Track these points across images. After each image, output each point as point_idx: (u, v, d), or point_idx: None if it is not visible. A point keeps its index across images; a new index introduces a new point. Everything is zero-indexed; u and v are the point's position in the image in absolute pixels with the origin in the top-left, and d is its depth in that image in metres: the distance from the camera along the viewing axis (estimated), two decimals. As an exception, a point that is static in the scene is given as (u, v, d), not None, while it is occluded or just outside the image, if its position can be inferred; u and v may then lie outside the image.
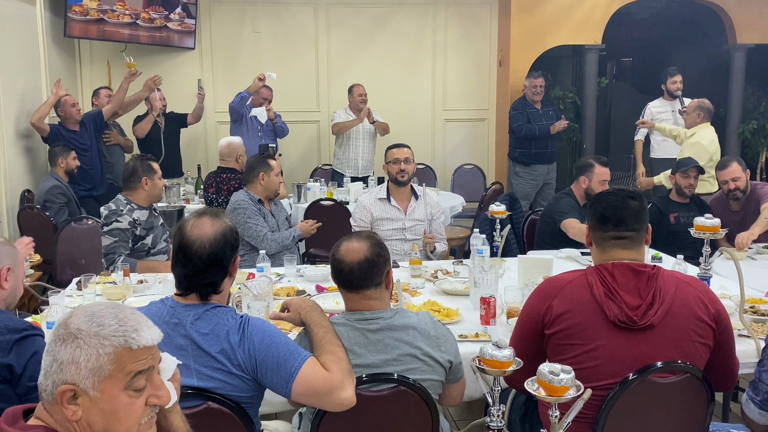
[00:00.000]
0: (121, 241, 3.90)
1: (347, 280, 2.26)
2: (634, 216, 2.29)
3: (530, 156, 7.23)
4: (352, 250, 2.27)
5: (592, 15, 8.04)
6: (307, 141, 8.30)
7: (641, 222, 2.30)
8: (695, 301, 2.22)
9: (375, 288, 2.27)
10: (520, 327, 2.38)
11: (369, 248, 2.27)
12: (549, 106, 7.29)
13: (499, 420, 1.88)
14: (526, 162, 7.25)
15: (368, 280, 2.26)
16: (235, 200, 4.37)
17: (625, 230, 2.29)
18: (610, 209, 2.32)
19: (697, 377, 2.21)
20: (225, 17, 8.05)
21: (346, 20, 8.23)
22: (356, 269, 2.24)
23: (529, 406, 2.56)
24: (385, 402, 2.14)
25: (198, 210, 2.26)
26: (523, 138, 7.19)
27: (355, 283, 2.25)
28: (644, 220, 2.31)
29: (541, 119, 7.14)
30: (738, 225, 4.47)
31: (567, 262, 3.99)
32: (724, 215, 4.63)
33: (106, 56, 7.78)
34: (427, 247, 4.29)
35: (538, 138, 7.13)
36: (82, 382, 1.39)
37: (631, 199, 2.31)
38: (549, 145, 7.22)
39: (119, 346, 1.41)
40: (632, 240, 2.29)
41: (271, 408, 2.54)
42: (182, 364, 2.00)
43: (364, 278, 2.25)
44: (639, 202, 2.32)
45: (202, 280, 2.10)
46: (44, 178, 5.65)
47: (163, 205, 5.56)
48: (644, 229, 2.32)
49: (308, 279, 3.68)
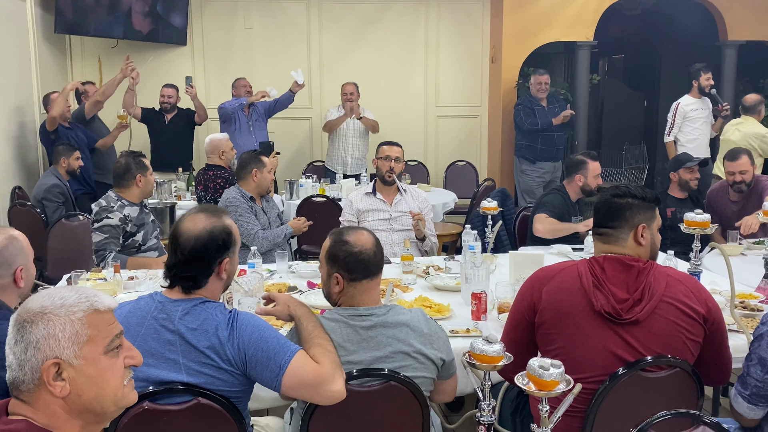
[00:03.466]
0: (111, 237, 3.88)
1: (372, 264, 2.26)
2: (612, 214, 2.33)
3: (536, 153, 7.18)
4: (360, 237, 2.29)
5: (584, 12, 8.05)
6: (299, 138, 8.29)
7: (619, 220, 2.32)
8: (685, 298, 2.23)
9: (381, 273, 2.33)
10: (513, 316, 2.40)
11: (368, 232, 2.34)
12: (555, 103, 7.23)
13: (489, 415, 1.88)
14: (532, 159, 7.21)
15: (383, 262, 2.32)
16: (227, 197, 4.36)
17: (600, 227, 2.36)
18: (596, 207, 2.41)
19: (687, 371, 2.22)
20: (217, 13, 8.02)
21: (339, 16, 8.21)
22: (378, 251, 2.29)
23: (520, 401, 2.56)
24: (376, 397, 2.14)
25: (203, 205, 2.27)
26: (527, 132, 7.16)
27: (379, 266, 2.29)
28: (625, 218, 2.31)
29: (546, 116, 7.08)
30: (736, 215, 4.52)
31: (558, 258, 4.00)
32: (722, 204, 4.66)
33: (97, 52, 7.75)
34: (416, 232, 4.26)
35: (540, 131, 7.06)
36: (63, 352, 1.42)
37: (617, 197, 2.35)
38: (555, 142, 7.15)
39: (87, 309, 1.46)
40: (609, 236, 2.33)
41: (262, 404, 2.54)
42: (171, 359, 2.01)
43: (383, 258, 2.32)
44: (626, 200, 2.33)
45: (182, 273, 2.11)
46: (45, 174, 5.64)
47: (155, 201, 5.55)
48: (624, 227, 2.31)
49: (300, 275, 3.68)
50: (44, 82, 6.72)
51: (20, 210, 5.22)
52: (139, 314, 2.09)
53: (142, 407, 1.98)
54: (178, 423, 2.02)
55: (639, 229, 2.31)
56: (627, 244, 2.31)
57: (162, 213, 5.19)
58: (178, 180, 6.78)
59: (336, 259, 2.27)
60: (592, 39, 8.09)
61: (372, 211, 4.41)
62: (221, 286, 2.20)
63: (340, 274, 2.27)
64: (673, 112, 6.75)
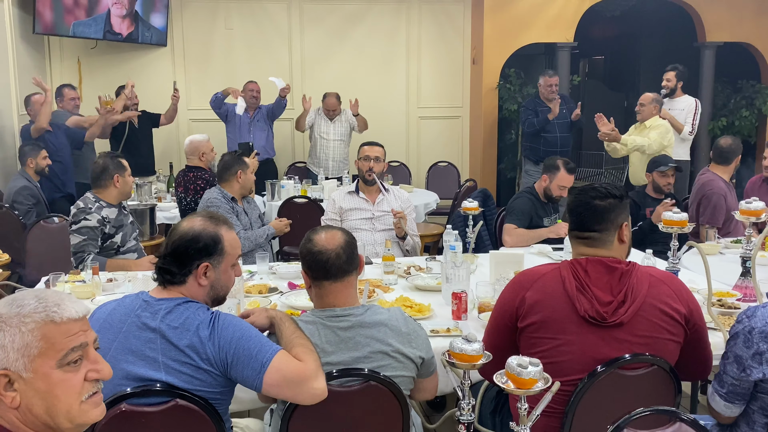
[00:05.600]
0: (89, 239, 3.85)
1: (334, 266, 2.22)
2: (595, 217, 2.28)
3: (538, 154, 7.07)
4: (330, 238, 2.26)
5: (564, 13, 8.10)
6: (281, 139, 8.26)
7: (605, 223, 2.28)
8: (668, 299, 2.23)
9: (355, 273, 2.29)
10: (494, 319, 2.39)
11: (342, 233, 2.30)
12: (563, 105, 7.04)
13: (469, 414, 1.89)
14: (536, 160, 7.13)
15: (352, 263, 2.27)
16: (208, 198, 4.34)
17: (584, 231, 2.31)
18: (575, 210, 2.34)
19: (665, 369, 2.23)
20: (197, 14, 7.99)
21: (320, 17, 8.21)
22: (342, 254, 2.23)
23: (499, 400, 2.57)
24: (356, 397, 2.13)
25: (212, 212, 2.30)
26: (529, 134, 7.12)
27: (342, 269, 2.23)
28: (609, 220, 2.28)
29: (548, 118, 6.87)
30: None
31: (539, 258, 4.02)
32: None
33: (77, 53, 7.69)
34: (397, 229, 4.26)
35: (542, 132, 6.93)
36: (12, 364, 1.38)
37: (598, 198, 2.29)
38: (558, 144, 6.97)
39: (41, 321, 1.40)
40: (594, 240, 2.29)
41: (242, 405, 2.53)
42: (150, 357, 2.00)
43: (349, 262, 2.25)
44: (608, 201, 2.29)
45: (161, 263, 2.14)
46: (14, 177, 5.57)
47: (135, 203, 5.51)
48: (610, 229, 2.29)
49: (280, 276, 3.67)
50: (23, 84, 6.65)
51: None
52: (123, 312, 2.10)
53: (120, 409, 1.97)
54: (156, 424, 2.00)
55: (623, 228, 2.32)
56: (612, 246, 2.31)
57: (142, 214, 5.16)
58: (158, 181, 6.75)
59: (301, 255, 2.29)
60: (572, 40, 8.15)
61: (354, 209, 4.41)
62: (202, 292, 2.16)
63: (305, 272, 2.30)
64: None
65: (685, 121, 6.57)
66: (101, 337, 1.60)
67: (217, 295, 2.21)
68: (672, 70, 6.69)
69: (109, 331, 2.06)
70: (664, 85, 6.68)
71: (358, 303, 2.31)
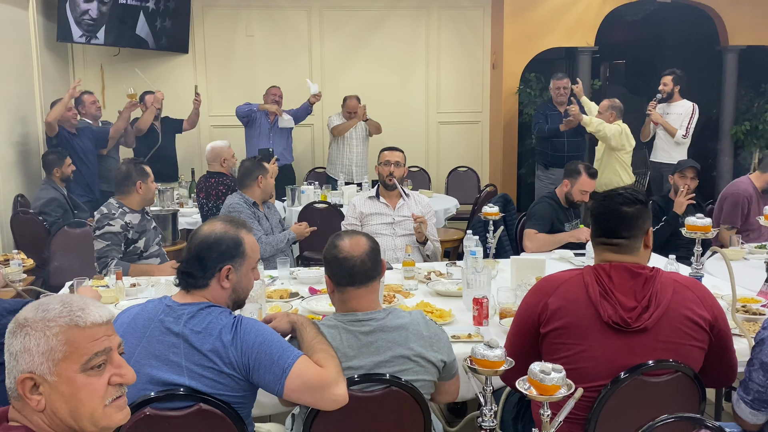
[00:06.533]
0: (113, 244, 3.89)
1: (359, 273, 2.22)
2: (625, 224, 2.26)
3: (548, 159, 7.07)
4: (355, 244, 2.25)
5: (585, 17, 8.06)
6: (300, 144, 8.30)
7: (633, 230, 2.26)
8: (692, 304, 2.21)
9: (378, 278, 2.29)
10: (516, 325, 2.38)
11: (366, 239, 2.30)
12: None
13: (491, 420, 1.88)
14: (546, 165, 7.12)
15: (376, 269, 2.27)
16: (230, 203, 4.36)
17: (614, 238, 2.28)
18: (602, 216, 2.31)
19: (689, 376, 2.21)
20: (218, 21, 8.05)
21: (340, 23, 8.24)
22: (367, 260, 2.23)
23: (521, 406, 2.56)
24: (377, 402, 2.13)
25: (232, 216, 2.33)
26: (539, 138, 7.11)
27: (367, 275, 2.23)
28: (638, 226, 2.26)
29: (556, 122, 6.80)
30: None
31: (560, 263, 4.00)
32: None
33: (99, 60, 7.78)
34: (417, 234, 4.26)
35: (550, 137, 6.90)
36: (37, 368, 1.39)
37: (625, 205, 2.27)
38: (566, 149, 6.88)
39: (65, 325, 1.41)
40: (623, 247, 2.27)
41: (263, 410, 2.54)
42: (174, 362, 2.01)
43: (374, 267, 2.25)
44: (635, 207, 2.27)
45: (183, 267, 2.16)
46: (41, 186, 5.61)
47: (157, 209, 5.56)
48: (638, 235, 2.27)
49: (301, 281, 3.68)
50: (47, 91, 6.73)
51: (23, 218, 5.23)
52: (146, 316, 2.12)
53: (144, 413, 1.98)
54: (180, 428, 2.02)
55: (648, 234, 2.31)
56: (639, 252, 2.29)
57: (164, 220, 5.20)
58: (180, 187, 6.81)
59: (326, 261, 2.29)
60: (593, 44, 8.11)
61: (375, 214, 4.42)
62: (225, 295, 2.18)
63: (328, 277, 2.30)
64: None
65: (680, 125, 6.61)
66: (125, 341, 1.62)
67: (239, 297, 2.23)
68: (669, 74, 6.75)
69: (132, 336, 2.08)
70: (661, 89, 6.74)
71: (380, 307, 2.31)
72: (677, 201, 4.72)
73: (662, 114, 6.69)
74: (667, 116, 6.67)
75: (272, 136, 7.01)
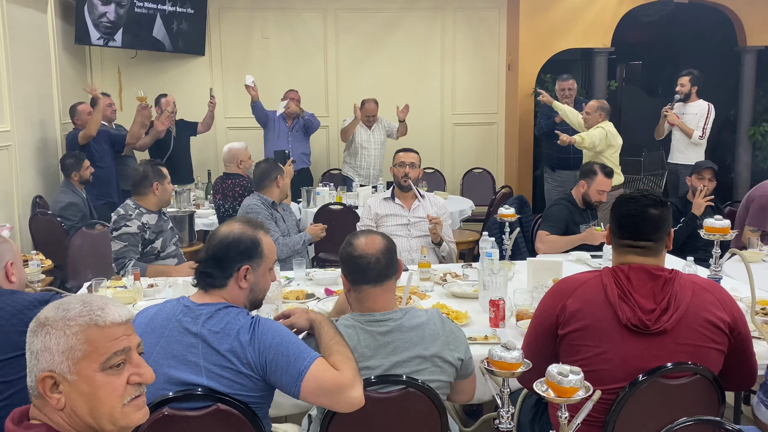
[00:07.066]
0: (130, 245, 3.92)
1: (374, 271, 2.22)
2: (653, 226, 2.24)
3: (554, 161, 7.04)
4: (370, 242, 2.26)
5: (601, 18, 8.03)
6: (316, 146, 8.31)
7: (660, 231, 2.25)
8: (712, 307, 2.20)
9: (394, 278, 2.29)
10: (534, 327, 2.37)
11: (382, 238, 2.30)
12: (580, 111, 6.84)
13: (508, 422, 1.88)
14: (552, 167, 7.10)
15: (392, 268, 2.27)
16: (247, 204, 4.38)
17: (641, 240, 2.25)
18: (627, 218, 2.28)
19: (708, 379, 2.19)
20: (234, 23, 8.09)
21: (355, 25, 8.25)
22: (382, 258, 2.23)
23: (538, 408, 2.55)
24: (394, 403, 2.14)
25: (249, 217, 2.34)
26: (544, 140, 7.08)
27: (382, 273, 2.23)
28: (664, 229, 2.25)
29: (562, 121, 6.73)
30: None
31: (577, 265, 3.98)
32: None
33: (117, 63, 7.83)
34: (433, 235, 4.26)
35: (549, 135, 6.83)
36: (57, 366, 1.41)
37: (652, 207, 2.25)
38: (571, 150, 6.77)
39: (85, 324, 1.42)
40: (649, 249, 2.25)
41: (280, 411, 2.55)
42: (192, 362, 2.03)
43: (389, 266, 2.25)
44: (661, 209, 2.26)
45: (201, 267, 2.18)
46: (60, 189, 5.64)
47: (174, 210, 5.59)
48: (663, 238, 2.26)
49: (317, 282, 3.69)
50: (65, 93, 6.79)
51: (41, 219, 5.27)
52: (165, 316, 2.13)
53: (162, 413, 2.00)
54: (198, 428, 2.03)
55: (671, 235, 2.30)
56: (662, 254, 2.28)
57: (181, 221, 5.23)
58: (196, 188, 6.84)
59: (342, 259, 2.30)
60: (609, 45, 8.07)
61: (390, 216, 4.42)
62: (242, 296, 2.19)
63: (344, 276, 2.30)
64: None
65: (697, 125, 6.57)
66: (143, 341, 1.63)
67: (256, 298, 2.24)
68: (687, 75, 6.71)
69: (151, 336, 2.09)
70: (678, 90, 6.70)
71: (397, 307, 2.31)
72: (695, 202, 4.69)
73: (678, 115, 6.65)
74: (683, 117, 6.63)
75: (290, 140, 7.03)
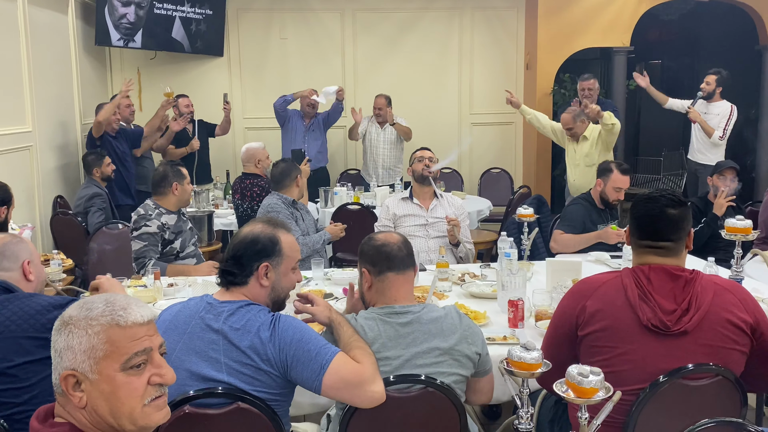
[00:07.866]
0: (150, 245, 3.95)
1: (397, 258, 2.33)
2: (672, 227, 2.22)
3: None
4: (389, 236, 2.41)
5: (620, 17, 7.98)
6: (334, 146, 8.33)
7: (679, 231, 2.23)
8: (733, 308, 2.18)
9: (412, 270, 2.39)
10: (554, 328, 2.36)
11: (401, 235, 2.44)
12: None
13: (527, 422, 1.87)
14: None
15: (412, 258, 2.38)
16: (267, 204, 4.39)
17: (660, 241, 2.23)
18: (646, 219, 2.26)
19: (730, 380, 2.17)
20: (252, 24, 8.12)
21: (373, 26, 8.26)
22: (403, 247, 2.36)
23: (558, 409, 2.54)
24: (413, 403, 2.14)
25: (272, 217, 2.41)
26: None
27: (405, 262, 2.34)
28: (683, 228, 2.23)
29: None
30: None
31: (596, 265, 3.96)
32: None
33: (136, 64, 7.89)
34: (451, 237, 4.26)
35: None
36: (79, 365, 1.42)
37: (671, 207, 2.23)
38: None
39: (107, 324, 1.44)
40: (669, 250, 2.23)
41: (299, 410, 2.56)
42: (213, 358, 2.05)
43: (410, 255, 2.37)
44: (679, 209, 2.23)
45: (223, 266, 2.25)
46: (84, 185, 5.72)
47: (193, 210, 5.62)
48: (683, 238, 2.24)
49: (335, 282, 3.70)
50: (85, 95, 6.86)
51: (62, 219, 5.32)
52: (188, 313, 2.17)
53: (183, 411, 2.01)
54: (218, 426, 2.04)
55: (690, 235, 2.28)
56: (682, 254, 2.26)
57: (200, 221, 5.26)
58: (215, 188, 6.88)
59: (362, 253, 2.38)
60: (628, 44, 8.02)
61: (408, 216, 4.43)
62: (264, 294, 2.22)
63: (366, 269, 2.36)
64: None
65: (718, 125, 6.47)
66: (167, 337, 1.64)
67: (278, 297, 2.27)
68: (714, 74, 6.58)
69: (174, 332, 2.12)
70: (703, 88, 6.59)
71: (415, 301, 2.36)
72: (717, 203, 4.65)
73: (701, 113, 6.58)
74: (705, 116, 6.56)
75: (307, 139, 7.06)
